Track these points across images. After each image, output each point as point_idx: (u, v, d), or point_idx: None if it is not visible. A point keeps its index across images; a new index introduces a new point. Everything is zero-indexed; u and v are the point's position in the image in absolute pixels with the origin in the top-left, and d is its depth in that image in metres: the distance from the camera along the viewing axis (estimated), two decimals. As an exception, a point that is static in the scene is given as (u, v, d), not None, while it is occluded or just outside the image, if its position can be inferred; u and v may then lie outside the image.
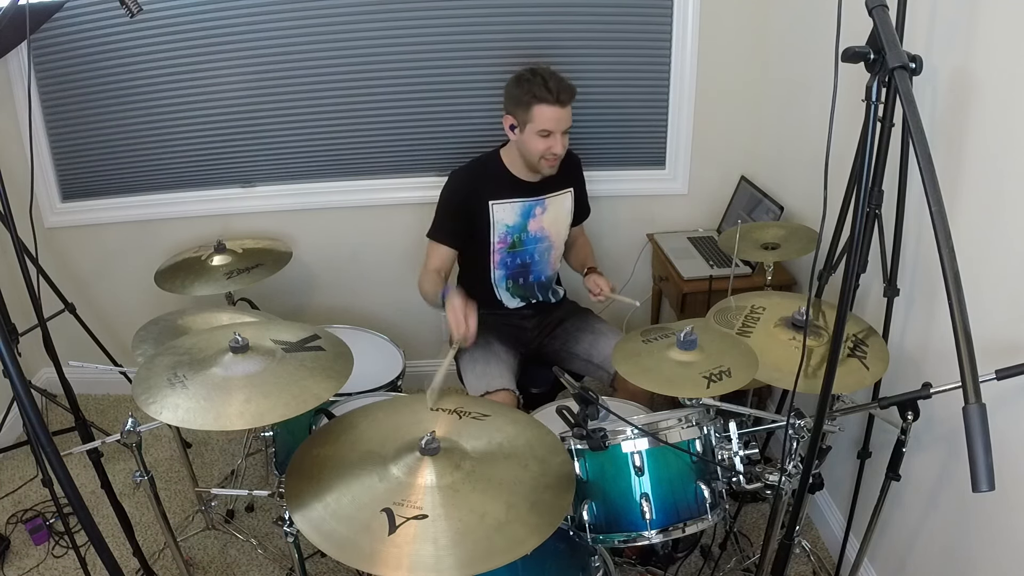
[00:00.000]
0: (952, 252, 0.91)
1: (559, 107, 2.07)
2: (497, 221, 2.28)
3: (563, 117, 2.10)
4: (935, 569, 1.79)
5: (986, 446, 0.86)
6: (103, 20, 2.49)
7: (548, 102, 2.07)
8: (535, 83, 2.08)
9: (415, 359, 2.72)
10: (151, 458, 2.76)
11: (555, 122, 2.09)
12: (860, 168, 1.14)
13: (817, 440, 1.33)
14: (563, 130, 2.12)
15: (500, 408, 1.62)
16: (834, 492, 2.32)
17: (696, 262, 2.63)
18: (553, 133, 2.11)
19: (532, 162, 2.19)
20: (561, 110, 2.08)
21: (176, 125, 2.68)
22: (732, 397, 1.57)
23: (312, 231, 2.88)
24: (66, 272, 2.87)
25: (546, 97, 2.06)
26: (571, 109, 2.12)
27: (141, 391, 1.41)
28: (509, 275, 2.37)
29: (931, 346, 1.76)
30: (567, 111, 2.10)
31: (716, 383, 1.52)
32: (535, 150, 2.14)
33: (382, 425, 1.53)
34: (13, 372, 1.09)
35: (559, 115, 2.08)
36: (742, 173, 2.80)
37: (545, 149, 2.13)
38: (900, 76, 1.01)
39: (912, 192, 1.68)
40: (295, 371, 1.49)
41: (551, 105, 2.07)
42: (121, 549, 2.11)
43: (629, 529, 1.56)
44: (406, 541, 1.21)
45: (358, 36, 2.56)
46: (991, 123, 1.50)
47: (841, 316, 1.19)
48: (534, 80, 2.08)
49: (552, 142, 2.12)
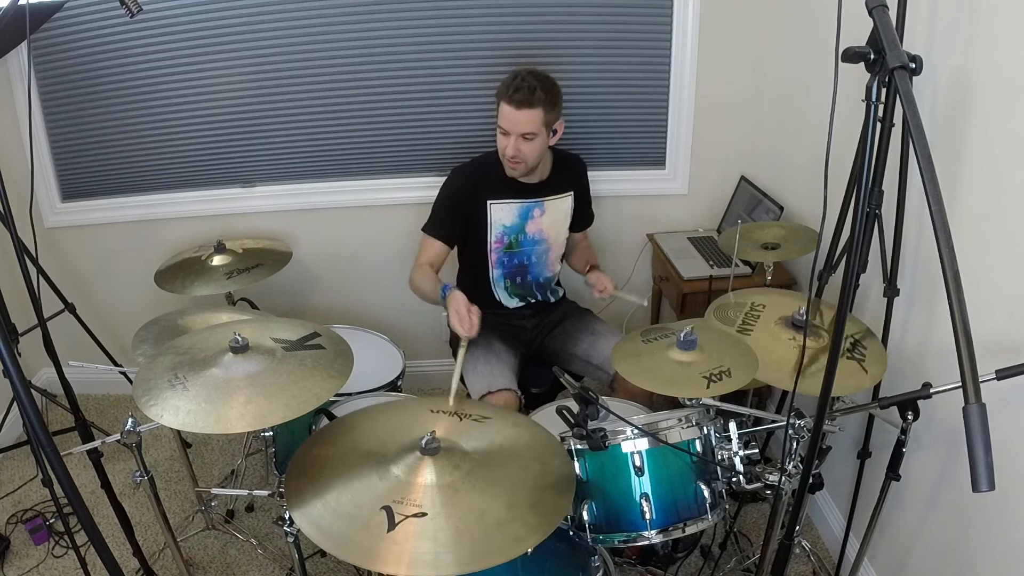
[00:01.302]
0: (952, 252, 0.91)
1: (512, 107, 2.06)
2: (494, 221, 2.28)
3: (517, 119, 2.06)
4: (935, 569, 1.79)
5: (986, 446, 0.86)
6: (103, 20, 2.49)
7: (505, 100, 2.08)
8: (507, 81, 2.09)
9: (415, 359, 2.72)
10: (151, 458, 2.76)
11: (508, 122, 2.09)
12: (860, 168, 1.14)
13: (817, 440, 1.33)
14: (518, 132, 2.08)
15: (500, 411, 1.63)
16: (834, 492, 2.32)
17: (696, 262, 2.63)
18: (508, 133, 2.10)
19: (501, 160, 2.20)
20: (514, 111, 2.06)
21: (176, 125, 2.68)
22: (732, 397, 1.57)
23: (312, 231, 2.88)
24: (66, 272, 2.87)
25: (504, 94, 2.08)
26: (534, 119, 2.06)
27: (142, 392, 1.41)
28: (506, 274, 2.37)
29: (931, 346, 1.76)
30: (523, 115, 2.06)
31: (716, 383, 1.52)
32: (499, 148, 2.16)
33: (383, 426, 1.53)
34: (13, 372, 1.09)
35: (513, 116, 2.07)
36: (742, 173, 2.80)
37: (502, 148, 2.14)
38: (900, 76, 1.01)
39: (912, 192, 1.68)
40: (295, 371, 1.49)
41: (507, 104, 2.07)
42: (121, 549, 2.11)
43: (629, 529, 1.56)
44: (405, 538, 1.21)
45: (358, 36, 2.56)
46: (991, 123, 1.50)
47: (841, 316, 1.19)
48: (510, 79, 2.09)
49: (507, 142, 2.11)
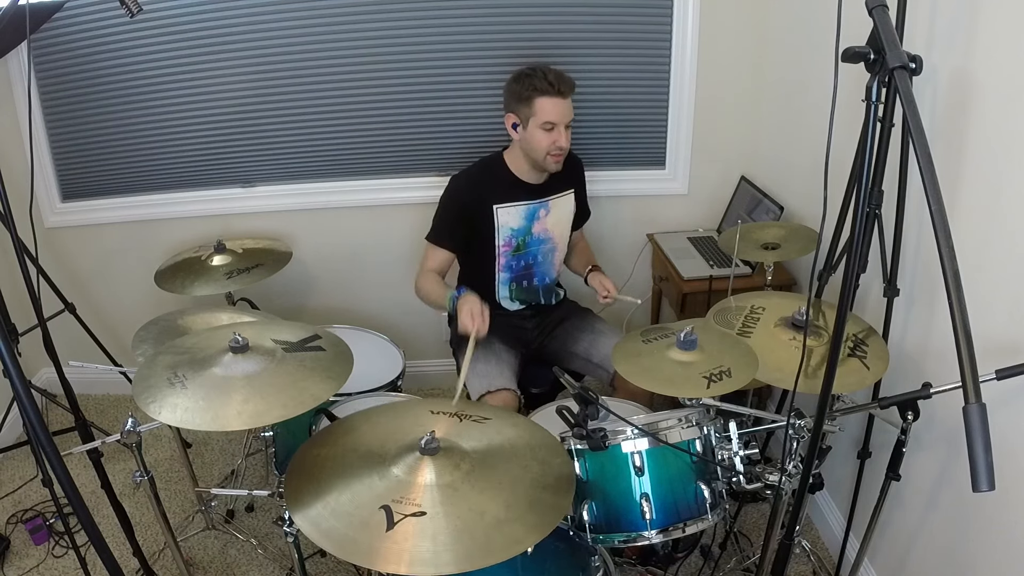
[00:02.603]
0: (952, 252, 0.91)
1: (560, 98, 2.08)
2: (502, 225, 2.27)
3: (565, 109, 2.10)
4: (935, 569, 1.79)
5: (986, 446, 0.86)
6: (103, 20, 2.49)
7: (549, 94, 2.07)
8: (535, 77, 2.08)
9: (415, 359, 2.72)
10: (151, 458, 2.76)
11: (558, 114, 2.09)
12: (860, 168, 1.14)
13: (817, 440, 1.33)
14: (566, 122, 2.13)
15: (500, 412, 1.63)
16: (834, 492, 2.32)
17: (696, 262, 2.63)
18: (557, 126, 2.11)
19: (538, 159, 2.18)
20: (563, 101, 2.09)
21: (176, 125, 2.68)
22: (732, 397, 1.57)
23: (312, 231, 2.88)
24: (66, 272, 2.87)
25: (547, 89, 2.07)
26: (572, 103, 2.13)
27: (141, 391, 1.42)
28: (513, 278, 2.37)
29: (931, 346, 1.75)
30: (568, 103, 2.11)
31: (716, 383, 1.52)
32: (540, 146, 2.14)
33: (383, 426, 1.53)
34: (13, 372, 1.09)
35: (561, 106, 2.09)
36: (742, 173, 2.80)
37: (550, 144, 2.12)
38: (900, 76, 1.01)
39: (912, 192, 1.68)
40: (294, 371, 1.49)
41: (552, 96, 2.07)
42: (121, 549, 2.11)
43: (629, 529, 1.56)
44: (404, 537, 1.21)
45: (358, 36, 2.56)
46: (991, 123, 1.50)
47: (841, 316, 1.19)
48: (534, 75, 2.09)
49: (556, 135, 2.12)
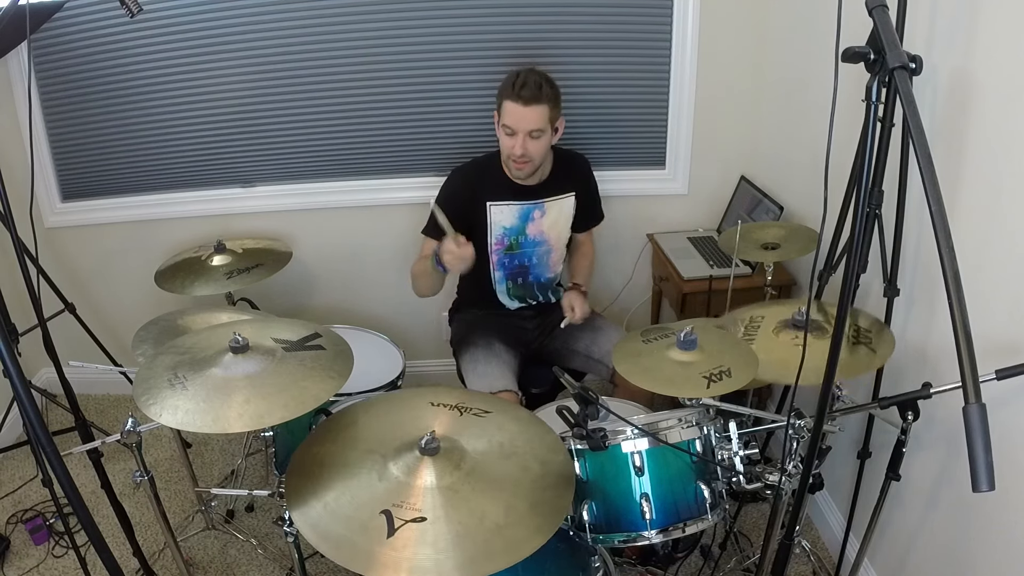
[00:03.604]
0: (952, 252, 0.91)
1: (522, 104, 2.05)
2: (494, 222, 2.28)
3: (525, 116, 2.06)
4: (935, 569, 1.79)
5: (986, 446, 0.86)
6: (103, 20, 2.49)
7: (511, 99, 2.07)
8: (509, 80, 2.09)
9: (415, 359, 2.72)
10: (151, 458, 2.76)
11: (516, 120, 2.07)
12: (860, 168, 1.14)
13: (817, 440, 1.33)
14: (526, 131, 2.08)
15: (501, 404, 1.61)
16: (834, 492, 2.32)
17: (696, 262, 2.63)
18: (516, 133, 2.09)
19: (505, 162, 2.19)
20: (522, 108, 2.06)
21: (176, 125, 2.68)
22: (732, 397, 1.57)
23: (312, 231, 2.88)
24: (66, 272, 2.87)
25: (509, 93, 2.07)
26: (542, 115, 2.07)
27: (141, 392, 1.41)
28: (508, 276, 2.37)
29: (931, 346, 1.75)
30: (532, 112, 2.06)
31: (716, 383, 1.52)
32: (504, 148, 2.16)
33: (382, 421, 1.52)
34: (13, 372, 1.09)
35: (521, 113, 2.06)
36: (742, 173, 2.80)
37: (509, 148, 2.13)
38: (900, 76, 1.01)
39: (912, 192, 1.68)
40: (295, 371, 1.49)
41: (514, 102, 2.06)
42: (121, 549, 2.11)
43: (629, 529, 1.56)
44: (405, 545, 1.20)
45: (358, 36, 2.56)
46: (991, 123, 1.50)
47: (841, 316, 1.19)
48: (510, 78, 2.09)
49: (514, 142, 2.10)
